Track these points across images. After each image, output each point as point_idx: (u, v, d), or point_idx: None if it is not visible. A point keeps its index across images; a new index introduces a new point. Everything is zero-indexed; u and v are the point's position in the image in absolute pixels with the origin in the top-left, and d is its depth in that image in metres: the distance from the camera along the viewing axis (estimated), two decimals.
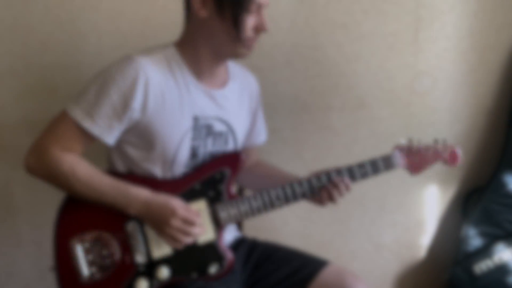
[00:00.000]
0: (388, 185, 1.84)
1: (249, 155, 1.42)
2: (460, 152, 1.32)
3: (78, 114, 1.14)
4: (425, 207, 1.91)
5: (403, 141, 1.31)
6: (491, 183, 1.82)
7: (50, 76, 1.59)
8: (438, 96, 1.79)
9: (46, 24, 1.56)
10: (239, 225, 1.54)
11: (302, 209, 1.71)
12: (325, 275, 1.26)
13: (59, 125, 1.16)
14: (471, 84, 1.80)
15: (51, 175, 1.16)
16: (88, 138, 1.16)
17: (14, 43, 1.56)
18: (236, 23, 1.14)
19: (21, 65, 1.58)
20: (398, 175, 1.77)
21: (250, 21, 1.15)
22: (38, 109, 1.60)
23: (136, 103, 1.14)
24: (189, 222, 1.15)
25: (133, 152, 1.21)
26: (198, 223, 1.16)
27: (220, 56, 1.22)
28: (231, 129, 1.29)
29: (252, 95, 1.38)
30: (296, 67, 1.71)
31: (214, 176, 1.24)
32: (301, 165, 1.78)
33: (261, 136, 1.45)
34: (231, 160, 1.26)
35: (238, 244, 1.38)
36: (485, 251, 1.80)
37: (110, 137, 1.16)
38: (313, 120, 1.76)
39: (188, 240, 1.16)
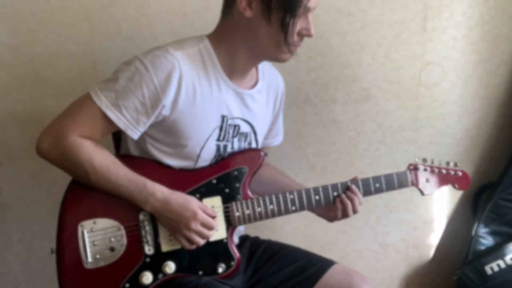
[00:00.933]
0: None
1: None
2: (469, 178, 1.39)
3: (104, 102, 1.10)
4: (433, 205, 1.89)
5: (417, 159, 1.36)
6: (502, 179, 1.79)
7: (40, 67, 1.57)
8: (447, 87, 1.76)
9: (35, 13, 1.53)
10: None
11: None
12: (331, 275, 1.26)
13: (82, 109, 1.12)
14: (481, 75, 1.78)
15: (67, 162, 1.12)
16: (111, 129, 1.13)
17: (1, 32, 1.53)
18: (283, 27, 1.11)
19: (9, 55, 1.55)
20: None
21: (296, 26, 1.14)
22: (28, 102, 1.58)
23: (168, 99, 1.11)
24: (208, 227, 1.15)
25: (154, 147, 1.19)
26: (216, 225, 1.16)
27: (259, 57, 1.21)
28: (254, 131, 1.29)
29: (277, 96, 1.37)
30: (298, 57, 1.56)
31: (232, 173, 1.23)
32: (303, 160, 1.77)
33: (277, 137, 1.46)
34: (250, 158, 1.25)
35: (242, 242, 1.38)
36: (496, 251, 1.77)
37: (135, 132, 1.13)
38: (316, 113, 1.75)
39: (202, 242, 1.16)
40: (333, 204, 1.27)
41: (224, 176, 1.22)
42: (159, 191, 1.13)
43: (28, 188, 1.64)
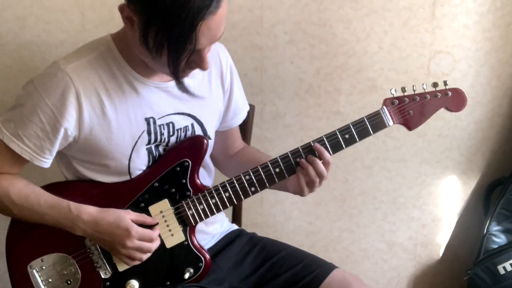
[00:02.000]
0: (402, 176, 1.81)
1: (230, 140, 1.34)
2: (464, 93, 1.22)
3: (5, 135, 1.08)
4: (443, 201, 1.87)
5: (393, 91, 1.19)
6: None
7: (28, 56, 1.54)
8: (457, 77, 1.73)
9: None
10: (236, 219, 1.53)
11: (307, 203, 1.78)
12: (328, 283, 1.21)
13: None
14: (493, 64, 1.74)
15: None
16: (20, 160, 1.10)
17: None
18: (168, 66, 0.99)
19: None
20: (414, 166, 1.80)
21: (183, 62, 1.00)
22: (15, 93, 1.45)
23: (70, 121, 1.06)
24: (147, 239, 1.10)
25: (84, 167, 1.15)
26: (156, 236, 1.11)
27: (153, 67, 1.08)
28: (198, 121, 1.20)
29: (223, 71, 1.24)
30: (300, 46, 1.66)
31: (173, 170, 1.15)
32: None
33: (240, 114, 1.33)
34: (190, 148, 1.17)
35: (235, 237, 1.34)
36: (510, 249, 1.73)
37: (43, 161, 1.10)
38: (319, 104, 1.72)
39: (146, 256, 1.12)
40: (295, 175, 1.16)
41: (166, 176, 1.15)
42: (86, 212, 1.08)
43: None
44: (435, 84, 1.19)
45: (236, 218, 1.53)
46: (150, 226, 1.12)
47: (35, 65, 1.53)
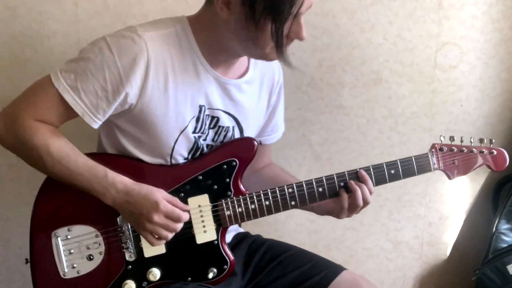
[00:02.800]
0: None
1: (260, 156, 1.34)
2: (507, 156, 1.31)
3: (62, 84, 1.06)
4: (450, 198, 1.86)
5: (442, 138, 1.26)
6: None
7: (19, 47, 1.51)
8: (465, 70, 1.74)
9: None
10: None
11: None
12: (337, 284, 1.21)
13: (39, 91, 1.09)
14: (503, 56, 1.74)
15: (22, 147, 1.09)
16: (69, 114, 1.10)
17: None
18: (272, 37, 1.04)
19: None
20: None
21: (285, 31, 1.06)
22: (6, 85, 1.53)
23: (133, 86, 1.07)
24: (174, 218, 1.09)
25: (128, 141, 1.15)
26: (185, 217, 1.10)
27: (244, 54, 1.16)
28: (239, 126, 1.24)
29: (273, 88, 1.31)
30: None
31: (220, 167, 1.17)
32: (307, 149, 1.75)
33: (274, 134, 1.39)
34: (241, 149, 1.19)
35: (239, 241, 1.35)
36: None
37: (94, 120, 1.09)
38: (321, 98, 1.71)
39: (170, 236, 1.10)
40: (339, 197, 1.20)
41: (211, 171, 1.16)
42: (121, 181, 1.08)
43: (7, 180, 1.59)
44: (481, 140, 1.28)
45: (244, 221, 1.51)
46: None
47: (26, 57, 1.51)
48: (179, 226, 1.10)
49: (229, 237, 1.32)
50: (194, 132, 1.16)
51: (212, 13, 1.09)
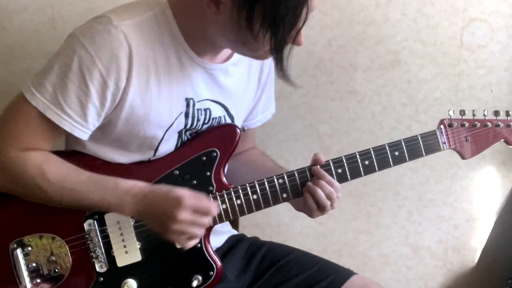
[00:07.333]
0: (430, 168, 1.74)
1: (241, 140, 1.31)
2: None
3: (40, 102, 1.00)
4: (478, 197, 1.79)
5: (451, 112, 1.22)
6: None
7: (18, 41, 1.49)
8: (495, 50, 1.64)
9: None
10: (233, 220, 1.45)
11: None
12: None
13: (17, 115, 1.03)
14: None
15: (15, 183, 1.05)
16: (56, 133, 1.05)
17: None
18: (271, 50, 0.99)
19: None
20: (443, 155, 1.64)
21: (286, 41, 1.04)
22: (6, 80, 1.51)
23: (117, 83, 1.01)
24: (202, 211, 1.03)
25: (96, 141, 1.09)
26: (214, 210, 1.05)
27: (232, 51, 1.12)
28: (229, 114, 1.21)
29: (264, 65, 1.27)
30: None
31: (198, 159, 1.13)
32: (315, 141, 1.70)
33: (263, 114, 1.34)
34: (221, 137, 1.16)
35: (234, 244, 1.30)
36: None
37: (84, 131, 1.04)
38: (331, 82, 1.65)
39: (202, 233, 1.06)
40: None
41: (189, 164, 1.12)
42: (135, 186, 1.04)
43: None
44: (496, 113, 1.23)
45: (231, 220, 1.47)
46: None
47: (27, 51, 1.47)
48: (209, 220, 1.05)
49: (221, 241, 1.28)
50: (185, 128, 1.13)
51: (197, 0, 1.04)
